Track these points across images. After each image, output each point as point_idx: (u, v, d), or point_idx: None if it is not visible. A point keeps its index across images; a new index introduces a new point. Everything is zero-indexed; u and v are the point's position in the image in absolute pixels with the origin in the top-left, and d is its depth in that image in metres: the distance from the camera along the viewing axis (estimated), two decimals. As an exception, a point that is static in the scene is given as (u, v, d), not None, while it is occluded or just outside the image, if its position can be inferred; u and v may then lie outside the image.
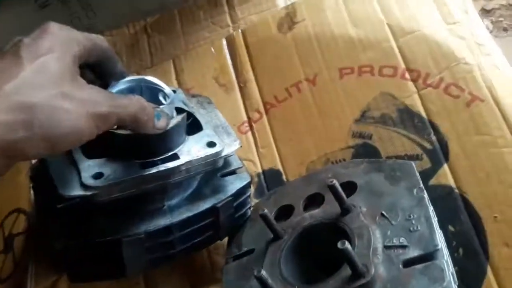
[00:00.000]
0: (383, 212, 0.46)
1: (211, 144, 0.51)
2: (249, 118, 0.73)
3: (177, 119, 0.50)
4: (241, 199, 0.57)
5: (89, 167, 0.46)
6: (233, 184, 0.55)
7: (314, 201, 0.56)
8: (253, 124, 0.72)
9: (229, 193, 0.54)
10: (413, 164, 0.49)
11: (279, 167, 0.68)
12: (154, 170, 0.47)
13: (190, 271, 0.63)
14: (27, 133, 0.36)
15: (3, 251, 0.64)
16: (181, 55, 0.81)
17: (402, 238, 0.42)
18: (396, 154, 0.60)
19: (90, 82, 0.43)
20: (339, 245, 0.39)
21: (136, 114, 0.43)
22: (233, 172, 0.57)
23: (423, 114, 0.60)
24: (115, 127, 0.44)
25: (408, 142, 0.60)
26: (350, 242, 0.41)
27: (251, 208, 0.60)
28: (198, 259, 0.64)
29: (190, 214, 0.52)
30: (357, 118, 0.64)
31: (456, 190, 0.55)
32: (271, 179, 0.68)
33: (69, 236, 0.48)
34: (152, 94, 0.52)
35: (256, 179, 0.67)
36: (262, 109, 0.72)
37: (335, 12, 0.70)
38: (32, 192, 0.65)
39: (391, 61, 0.64)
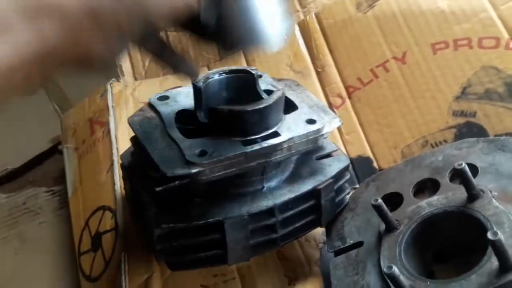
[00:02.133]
0: (521, 195, 0.41)
1: (311, 121, 0.49)
2: (330, 104, 0.69)
3: (276, 94, 0.48)
4: (340, 183, 0.54)
5: (191, 146, 0.45)
6: (332, 166, 0.53)
7: (424, 187, 0.52)
8: (335, 110, 0.68)
9: (330, 175, 0.51)
10: (545, 141, 0.44)
11: (369, 153, 0.64)
12: (257, 146, 0.45)
13: (285, 265, 0.59)
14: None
15: (91, 249, 0.63)
16: (250, 44, 0.78)
17: (555, 224, 0.37)
18: (506, 131, 0.55)
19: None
20: (489, 235, 0.35)
21: None
22: (328, 155, 0.55)
23: (536, 86, 0.55)
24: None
25: (520, 118, 0.55)
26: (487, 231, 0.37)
27: (348, 196, 0.57)
28: (292, 252, 0.61)
29: (291, 195, 0.49)
30: (457, 95, 0.59)
31: None
32: (360, 167, 0.64)
33: (169, 222, 0.46)
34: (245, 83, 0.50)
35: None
36: (344, 94, 0.68)
37: (420, -15, 0.65)
38: (117, 186, 0.63)
39: (491, 32, 0.59)
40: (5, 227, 0.80)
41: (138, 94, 0.76)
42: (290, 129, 0.48)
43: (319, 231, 0.62)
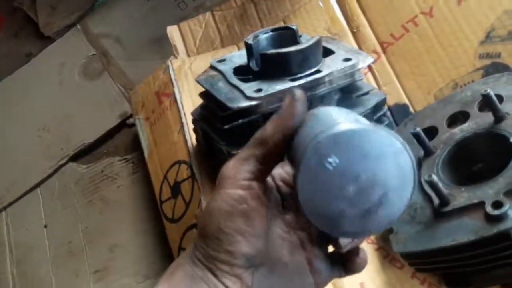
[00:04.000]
0: (540, 113, 0.49)
1: (347, 60, 0.58)
2: (366, 60, 0.77)
3: (314, 38, 0.57)
4: (379, 114, 0.63)
5: (249, 87, 0.56)
6: (370, 100, 0.62)
7: (456, 119, 0.59)
8: (372, 65, 0.76)
9: (368, 107, 0.61)
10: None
11: (405, 101, 0.72)
12: (302, 81, 0.56)
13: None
14: None
15: (172, 197, 0.73)
16: (290, 14, 0.86)
17: None
18: (529, 67, 0.62)
19: None
20: (511, 140, 0.43)
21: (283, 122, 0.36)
22: (367, 93, 0.64)
23: (554, 24, 0.61)
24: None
25: (541, 53, 0.61)
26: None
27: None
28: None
29: None
30: (482, 39, 0.66)
31: None
32: (398, 113, 0.71)
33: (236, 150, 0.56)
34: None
35: (383, 116, 0.71)
36: (379, 49, 0.76)
37: None
38: (189, 143, 0.73)
39: (511, -21, 0.65)
40: (88, 193, 0.93)
41: (194, 68, 0.86)
42: (329, 67, 0.57)
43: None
